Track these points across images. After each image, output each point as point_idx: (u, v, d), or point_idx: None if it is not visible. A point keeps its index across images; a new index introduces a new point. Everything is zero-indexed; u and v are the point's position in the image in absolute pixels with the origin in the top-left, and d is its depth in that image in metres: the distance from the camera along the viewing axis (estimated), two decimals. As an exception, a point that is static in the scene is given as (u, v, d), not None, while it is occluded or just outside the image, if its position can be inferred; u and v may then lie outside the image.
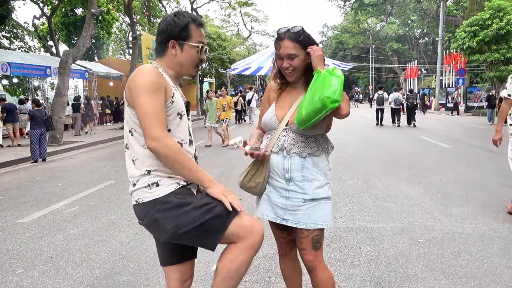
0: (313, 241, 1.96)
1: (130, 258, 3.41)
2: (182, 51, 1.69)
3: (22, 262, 3.42)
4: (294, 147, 1.94)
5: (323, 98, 1.72)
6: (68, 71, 13.09)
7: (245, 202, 4.93)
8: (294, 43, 1.88)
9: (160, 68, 1.68)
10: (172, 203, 1.62)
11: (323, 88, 1.75)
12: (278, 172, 1.98)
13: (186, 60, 1.71)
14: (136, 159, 1.68)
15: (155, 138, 1.54)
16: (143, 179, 1.66)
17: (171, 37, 1.67)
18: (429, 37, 49.53)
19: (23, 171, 8.28)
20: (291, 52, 1.88)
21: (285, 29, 1.92)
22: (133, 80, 1.60)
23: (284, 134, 1.96)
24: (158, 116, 1.56)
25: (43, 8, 24.31)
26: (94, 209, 5.00)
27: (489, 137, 11.61)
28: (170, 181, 1.65)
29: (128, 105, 1.65)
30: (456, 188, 5.51)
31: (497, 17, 22.40)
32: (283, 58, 1.91)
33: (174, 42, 1.68)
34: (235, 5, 31.87)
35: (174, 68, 1.72)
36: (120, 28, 41.24)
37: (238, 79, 43.62)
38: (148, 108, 1.55)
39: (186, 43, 1.68)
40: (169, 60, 1.71)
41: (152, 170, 1.65)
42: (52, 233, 4.16)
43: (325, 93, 1.73)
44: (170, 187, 1.64)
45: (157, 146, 1.55)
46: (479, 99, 24.94)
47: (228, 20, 45.30)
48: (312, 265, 2.00)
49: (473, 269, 3.04)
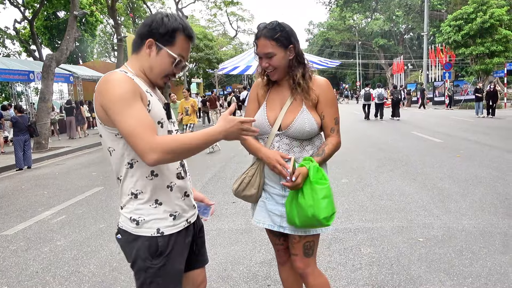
0: (304, 247, 1.87)
1: (121, 269, 3.25)
2: (157, 55, 1.48)
3: (5, 279, 3.23)
4: (289, 153, 1.84)
5: (321, 220, 1.67)
6: (52, 75, 12.77)
7: (239, 205, 4.80)
8: (270, 41, 1.76)
9: (129, 72, 1.47)
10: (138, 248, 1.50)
11: (315, 208, 1.66)
12: (274, 178, 1.87)
13: (157, 67, 1.49)
14: (120, 177, 1.52)
15: (151, 151, 1.32)
16: (129, 205, 1.53)
17: (152, 36, 1.47)
18: (414, 32, 49.98)
19: (8, 180, 8.01)
20: (267, 51, 1.77)
21: (263, 25, 1.80)
22: (104, 94, 1.37)
23: (278, 140, 1.85)
24: (145, 126, 1.34)
25: (24, 12, 23.78)
26: (82, 217, 4.81)
27: (478, 130, 11.75)
28: (150, 224, 1.49)
29: (101, 122, 1.44)
30: (452, 183, 5.46)
31: (480, 11, 22.68)
32: (262, 58, 1.80)
33: (152, 41, 1.46)
34: (221, 5, 31.62)
35: (144, 70, 1.51)
36: (105, 30, 40.68)
37: (226, 79, 43.41)
38: (131, 124, 1.33)
39: (165, 48, 1.47)
40: (142, 59, 1.50)
41: (138, 193, 1.49)
42: (38, 245, 3.97)
43: (321, 215, 1.66)
44: (149, 231, 1.49)
45: (158, 158, 1.34)
46: (465, 92, 25.18)
47: (214, 20, 45.05)
48: (303, 272, 1.91)
49: (477, 268, 2.95)
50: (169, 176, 1.51)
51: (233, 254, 3.43)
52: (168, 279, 1.50)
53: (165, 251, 1.48)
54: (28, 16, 23.65)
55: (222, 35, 47.19)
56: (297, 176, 1.68)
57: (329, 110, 1.87)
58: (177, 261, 1.53)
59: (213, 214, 1.62)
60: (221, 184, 6.16)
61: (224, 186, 5.98)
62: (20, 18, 24.68)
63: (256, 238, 3.75)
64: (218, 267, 3.19)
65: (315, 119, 1.83)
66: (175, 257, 1.52)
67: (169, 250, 1.49)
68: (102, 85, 1.38)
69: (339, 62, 36.89)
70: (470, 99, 22.80)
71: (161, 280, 1.48)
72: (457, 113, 19.88)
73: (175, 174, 1.54)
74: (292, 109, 1.84)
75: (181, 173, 1.56)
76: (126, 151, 1.44)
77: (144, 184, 1.47)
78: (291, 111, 1.84)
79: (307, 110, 1.82)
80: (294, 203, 1.76)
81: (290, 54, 1.81)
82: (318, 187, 1.67)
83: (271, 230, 1.92)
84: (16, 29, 25.42)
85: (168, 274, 1.50)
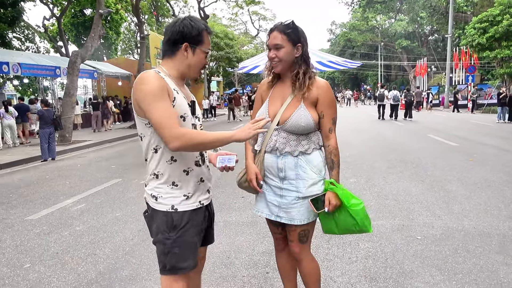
0: (299, 235, 2.05)
1: (133, 253, 3.51)
2: (194, 54, 1.76)
3: (29, 257, 3.54)
4: (286, 146, 1.99)
5: (366, 231, 1.99)
6: (77, 71, 13.28)
7: (247, 200, 5.00)
8: (282, 35, 1.93)
9: (162, 72, 1.74)
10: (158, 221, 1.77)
11: (360, 225, 1.95)
12: (272, 171, 2.04)
13: (195, 63, 1.79)
14: (147, 159, 1.80)
15: (175, 139, 1.61)
16: (151, 183, 1.79)
17: (187, 40, 1.74)
18: (438, 34, 48.97)
19: (33, 170, 8.46)
20: (277, 42, 1.94)
21: (279, 22, 1.99)
22: (138, 90, 1.66)
23: (276, 134, 2.01)
24: (171, 118, 1.63)
25: (53, 9, 24.65)
26: (100, 206, 5.12)
27: (497, 135, 11.54)
28: (167, 201, 1.75)
29: (136, 112, 1.73)
30: (460, 186, 5.51)
31: (507, 13, 22.11)
32: (271, 49, 1.97)
33: (187, 45, 1.74)
34: (242, 4, 31.86)
35: (182, 70, 1.79)
36: (129, 28, 41.57)
37: (246, 78, 43.65)
38: (159, 115, 1.62)
39: (199, 47, 1.77)
40: (178, 61, 1.77)
41: (159, 174, 1.75)
42: (59, 229, 4.28)
43: (366, 229, 1.96)
44: (165, 206, 1.75)
45: (179, 145, 1.63)
46: (489, 96, 24.62)
47: (235, 19, 45.34)
48: (298, 256, 2.10)
49: (469, 265, 3.06)
50: (187, 162, 1.78)
51: (237, 244, 3.64)
52: (184, 250, 1.76)
53: (180, 225, 1.74)
54: (56, 13, 24.51)
55: (243, 34, 47.45)
56: (328, 205, 1.95)
57: (327, 111, 2.01)
58: (191, 234, 1.78)
59: (237, 162, 1.88)
60: (232, 179, 6.35)
61: (232, 183, 6.18)
62: (49, 15, 25.61)
63: (260, 230, 3.95)
64: (222, 254, 3.40)
65: (312, 115, 1.97)
66: (189, 230, 1.77)
67: (183, 224, 1.75)
68: (137, 82, 1.69)
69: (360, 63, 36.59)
70: (494, 103, 22.28)
71: (178, 250, 1.74)
72: (479, 117, 19.51)
73: (194, 162, 1.81)
74: (291, 105, 1.99)
75: (199, 161, 1.83)
76: (152, 138, 1.73)
77: (165, 167, 1.75)
78: (290, 107, 1.99)
79: (304, 107, 1.97)
80: (332, 218, 2.02)
81: (297, 51, 1.97)
82: (355, 209, 1.93)
83: (270, 219, 2.10)
84: (45, 26, 26.36)
85: (183, 245, 1.76)
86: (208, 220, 1.93)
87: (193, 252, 1.80)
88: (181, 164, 1.76)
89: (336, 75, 64.18)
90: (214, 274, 3.04)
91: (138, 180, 6.57)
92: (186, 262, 1.76)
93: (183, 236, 1.75)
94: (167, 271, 1.76)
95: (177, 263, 1.75)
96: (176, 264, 1.75)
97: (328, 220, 2.05)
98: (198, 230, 1.82)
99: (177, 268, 1.75)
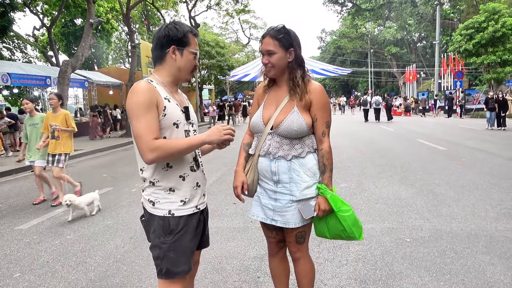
0: (296, 236, 2.09)
1: (124, 261, 3.50)
2: (182, 56, 1.80)
3: (19, 267, 3.51)
4: (279, 150, 2.01)
5: (354, 239, 2.05)
6: (68, 81, 13.25)
7: (239, 206, 5.02)
8: (274, 40, 1.96)
9: (155, 80, 1.78)
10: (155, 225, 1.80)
11: (348, 232, 2.00)
12: (266, 175, 2.06)
13: (185, 65, 1.82)
14: (143, 168, 1.82)
15: (148, 152, 1.65)
16: (148, 189, 1.82)
17: (173, 43, 1.78)
18: (427, 41, 49.76)
19: (23, 180, 8.39)
20: (269, 48, 1.97)
21: (270, 27, 2.02)
22: (128, 100, 1.71)
23: (270, 138, 2.03)
24: (150, 132, 1.66)
25: (43, 19, 24.60)
26: (91, 215, 5.09)
27: (485, 139, 11.74)
28: (164, 205, 1.78)
29: (130, 121, 1.78)
30: (448, 189, 5.59)
31: (492, 20, 22.58)
32: (264, 54, 2.01)
33: (175, 47, 1.78)
34: (233, 13, 32.09)
35: (173, 73, 1.82)
36: (120, 37, 41.56)
37: (238, 86, 43.81)
38: (140, 127, 1.66)
39: (186, 49, 1.80)
40: (168, 66, 1.81)
41: (155, 182, 1.79)
42: (49, 238, 4.25)
43: (354, 236, 2.02)
44: (162, 211, 1.78)
45: (153, 157, 1.66)
46: (477, 101, 25.00)
47: (226, 27, 45.65)
48: (295, 256, 2.14)
49: (457, 266, 3.12)
50: (183, 168, 1.81)
51: (229, 250, 3.65)
52: (179, 254, 1.78)
53: (176, 230, 1.77)
54: (47, 23, 24.46)
55: (234, 42, 47.73)
56: (318, 210, 1.99)
57: (321, 114, 2.02)
58: (187, 239, 1.80)
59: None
60: (224, 186, 6.39)
61: (227, 188, 6.21)
62: (39, 25, 25.56)
63: (251, 236, 3.97)
64: (213, 260, 3.41)
65: (305, 119, 1.98)
66: (185, 235, 1.79)
67: (180, 229, 1.78)
68: (130, 92, 1.74)
69: (351, 70, 36.99)
70: (481, 108, 22.61)
71: (173, 254, 1.76)
72: (467, 122, 19.79)
73: (189, 167, 1.84)
74: (285, 109, 2.01)
75: (194, 167, 1.87)
76: None
77: (161, 174, 1.78)
78: (284, 111, 2.01)
79: (297, 111, 1.98)
80: (324, 222, 2.06)
81: (290, 56, 1.99)
82: (343, 215, 1.97)
83: (265, 223, 2.12)
84: (35, 36, 26.27)
85: (179, 249, 1.78)
86: (203, 224, 1.95)
87: (188, 256, 1.82)
88: (177, 170, 1.79)
89: (327, 82, 64.69)
90: (206, 280, 3.05)
91: (129, 188, 6.55)
92: (181, 266, 1.78)
93: (179, 241, 1.77)
94: (163, 275, 1.79)
95: (172, 267, 1.77)
96: (172, 268, 1.77)
97: (320, 224, 2.08)
98: (194, 235, 1.84)
99: (172, 272, 1.77)
